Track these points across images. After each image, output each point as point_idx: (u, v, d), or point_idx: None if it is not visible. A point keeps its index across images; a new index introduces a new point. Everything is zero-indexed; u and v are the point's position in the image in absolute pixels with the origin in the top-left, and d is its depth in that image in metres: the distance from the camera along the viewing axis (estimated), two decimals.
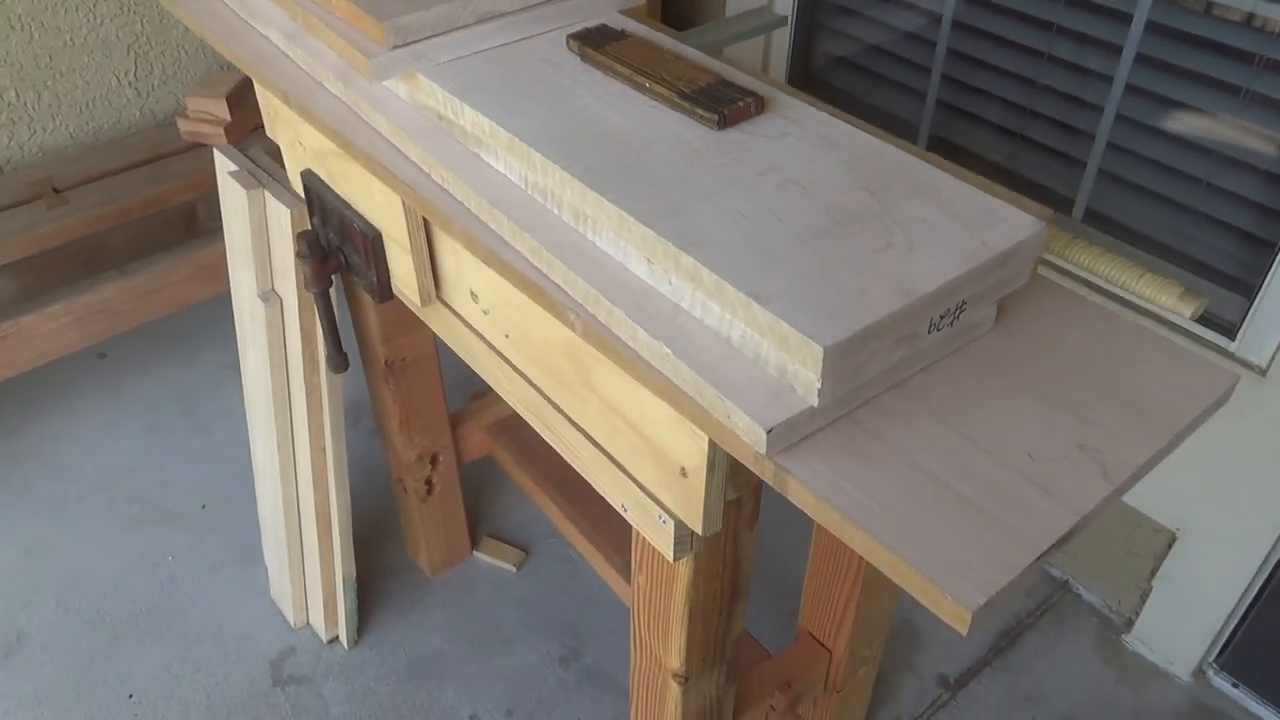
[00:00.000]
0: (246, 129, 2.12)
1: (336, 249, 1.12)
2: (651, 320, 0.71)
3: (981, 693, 1.63)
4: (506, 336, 0.96)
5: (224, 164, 1.35)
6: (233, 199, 1.32)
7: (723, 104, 0.81)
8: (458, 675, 1.64)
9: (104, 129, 2.21)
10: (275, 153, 1.47)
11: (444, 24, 0.92)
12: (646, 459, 0.84)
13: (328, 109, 1.01)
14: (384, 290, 1.08)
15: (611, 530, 1.53)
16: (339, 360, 1.22)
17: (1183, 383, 0.70)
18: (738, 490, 0.81)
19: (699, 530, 0.81)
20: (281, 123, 1.17)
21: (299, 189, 1.22)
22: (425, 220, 1.00)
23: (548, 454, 1.67)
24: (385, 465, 1.89)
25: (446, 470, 1.66)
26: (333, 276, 1.13)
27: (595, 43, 0.91)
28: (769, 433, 0.62)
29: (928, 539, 0.59)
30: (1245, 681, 1.60)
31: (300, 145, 1.14)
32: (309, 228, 1.21)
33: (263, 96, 1.26)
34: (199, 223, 2.17)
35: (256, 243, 1.32)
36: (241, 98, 2.10)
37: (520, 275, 0.80)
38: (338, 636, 1.68)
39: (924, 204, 0.73)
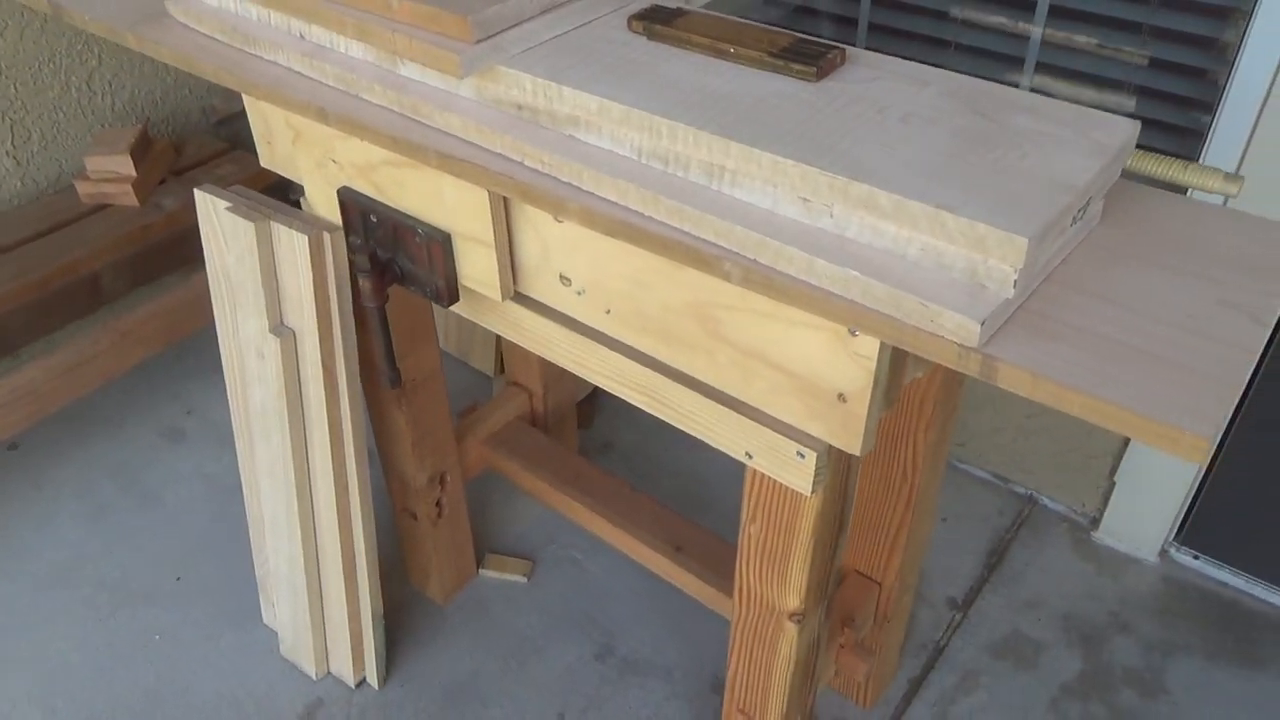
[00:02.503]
0: (154, 183, 2.04)
1: (389, 261, 1.11)
2: (825, 252, 0.76)
3: (988, 608, 1.75)
4: (608, 313, 0.99)
5: (211, 204, 1.31)
6: (235, 235, 1.28)
7: (814, 58, 0.88)
8: (498, 691, 1.63)
9: None
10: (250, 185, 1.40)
11: (515, 16, 0.94)
12: (792, 395, 0.89)
13: (377, 119, 1.01)
14: (453, 293, 1.08)
15: (641, 514, 1.56)
16: (395, 376, 1.20)
17: (1264, 241, 0.82)
18: (888, 406, 0.88)
19: (857, 451, 0.87)
20: (304, 145, 1.15)
21: (325, 211, 1.20)
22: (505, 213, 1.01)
23: (550, 458, 1.68)
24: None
25: (454, 489, 1.65)
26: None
27: (660, 20, 0.96)
28: (982, 324, 0.69)
29: (1142, 391, 0.67)
30: (1204, 551, 1.80)
31: (333, 163, 1.13)
32: (343, 247, 1.19)
33: (263, 124, 1.24)
34: (103, 292, 2.05)
35: (266, 277, 1.28)
36: (143, 151, 2.01)
37: (658, 239, 0.84)
38: (365, 679, 1.63)
39: (1031, 119, 0.82)
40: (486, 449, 1.69)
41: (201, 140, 2.19)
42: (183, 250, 2.06)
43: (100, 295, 2.03)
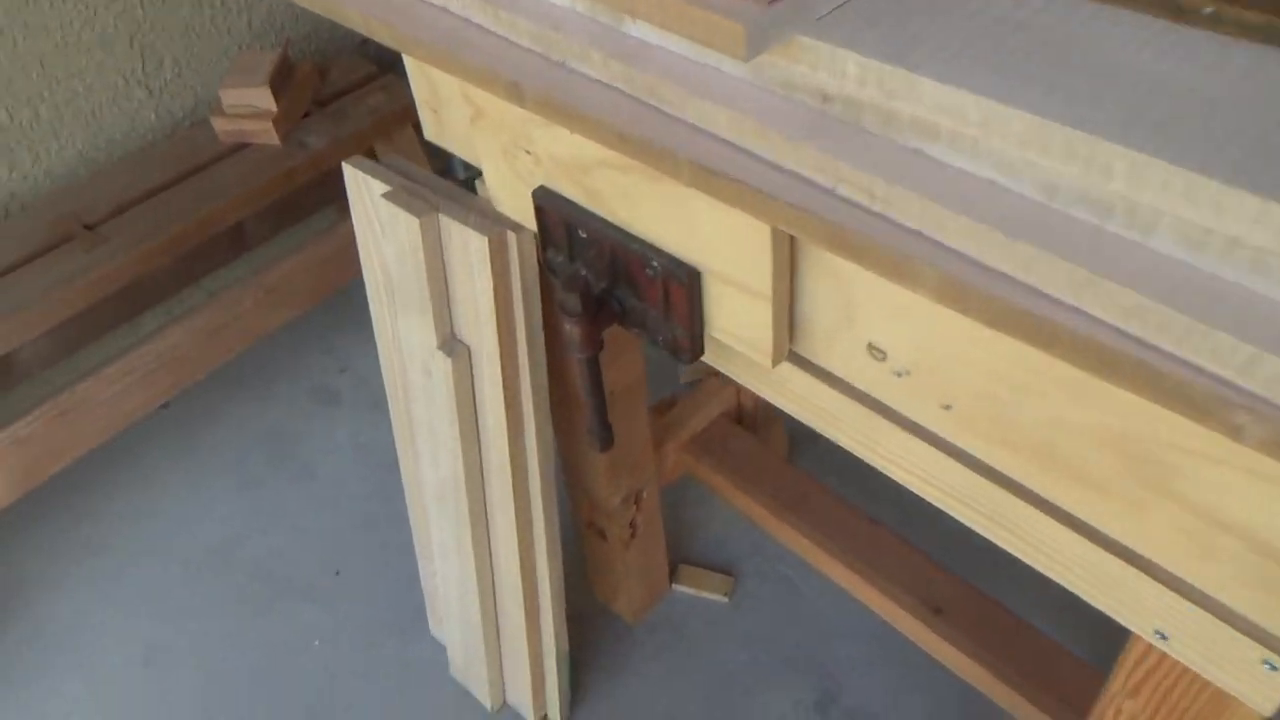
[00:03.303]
0: (297, 116, 1.78)
1: (605, 294, 0.80)
2: None
3: None
4: (946, 409, 0.66)
5: (364, 184, 1.02)
6: (393, 228, 1.00)
7: None
8: None
9: (116, 140, 1.84)
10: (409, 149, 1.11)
11: None
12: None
13: (598, 102, 0.68)
14: (696, 347, 0.76)
15: (885, 558, 1.25)
16: (607, 436, 0.91)
17: None
18: None
19: None
20: (487, 126, 0.84)
21: (511, 209, 0.89)
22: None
23: (763, 471, 1.38)
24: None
25: (649, 506, 1.37)
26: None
27: None
28: None
29: None
30: None
31: (529, 154, 0.81)
32: (531, 250, 0.89)
33: (427, 88, 0.93)
34: (246, 238, 1.83)
35: (434, 282, 1.00)
36: (284, 80, 1.74)
37: (1097, 351, 0.49)
38: (546, 716, 1.41)
39: None
40: (688, 456, 1.40)
41: (347, 62, 1.90)
42: (328, 192, 1.81)
43: (243, 243, 1.81)
